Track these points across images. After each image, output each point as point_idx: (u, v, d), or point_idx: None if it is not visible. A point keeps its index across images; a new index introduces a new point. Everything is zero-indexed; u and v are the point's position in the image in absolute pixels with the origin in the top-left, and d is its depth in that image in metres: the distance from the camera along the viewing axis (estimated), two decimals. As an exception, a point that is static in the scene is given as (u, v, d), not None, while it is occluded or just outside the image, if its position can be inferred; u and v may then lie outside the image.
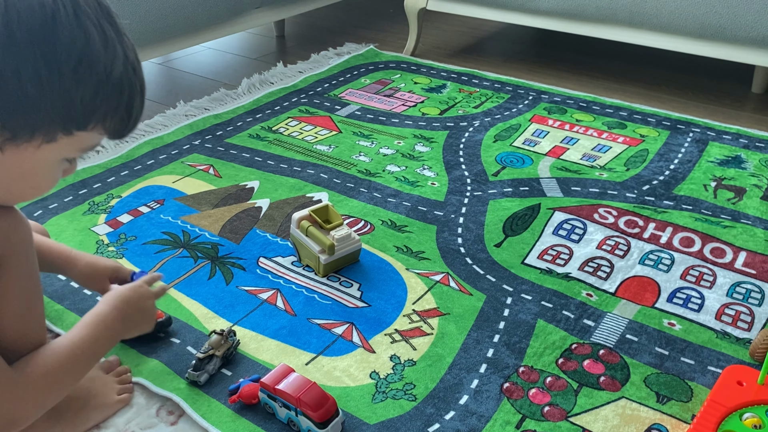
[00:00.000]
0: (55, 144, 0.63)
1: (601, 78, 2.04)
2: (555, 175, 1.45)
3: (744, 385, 0.85)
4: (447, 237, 1.23)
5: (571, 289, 1.09)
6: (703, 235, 1.23)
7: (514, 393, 0.89)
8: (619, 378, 0.92)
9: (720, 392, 0.84)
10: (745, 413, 0.82)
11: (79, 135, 0.64)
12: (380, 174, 1.45)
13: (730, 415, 0.82)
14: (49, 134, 0.61)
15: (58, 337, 0.77)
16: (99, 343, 0.77)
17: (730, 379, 0.86)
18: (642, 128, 1.67)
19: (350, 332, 1.00)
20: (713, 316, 1.04)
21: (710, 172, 1.45)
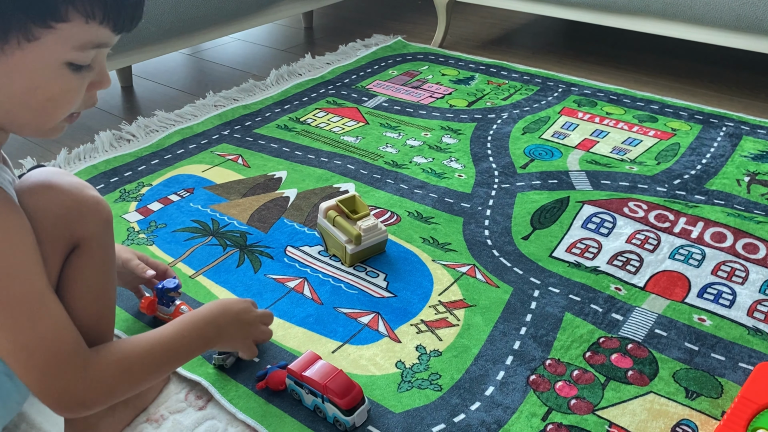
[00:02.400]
0: (38, 42, 0.57)
1: (632, 71, 2.01)
2: (584, 168, 1.43)
3: (776, 382, 0.84)
4: (474, 229, 1.23)
5: (600, 282, 1.08)
6: (736, 230, 1.21)
7: (541, 385, 0.89)
8: (648, 372, 0.91)
9: (751, 389, 0.83)
10: (777, 411, 0.80)
11: (60, 27, 0.57)
12: (407, 165, 1.44)
13: (761, 413, 0.80)
14: (23, 29, 0.56)
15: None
16: (185, 344, 0.75)
17: (761, 376, 0.85)
18: (674, 122, 1.64)
19: (376, 322, 1.00)
20: (745, 313, 1.02)
21: (744, 167, 1.43)
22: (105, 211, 0.73)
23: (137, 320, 1.00)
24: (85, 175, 1.39)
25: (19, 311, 0.62)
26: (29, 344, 0.62)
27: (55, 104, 0.62)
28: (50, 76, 0.59)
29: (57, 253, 0.69)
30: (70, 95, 0.62)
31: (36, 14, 0.56)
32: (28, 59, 0.58)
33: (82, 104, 0.64)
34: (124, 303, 1.03)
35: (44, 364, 0.63)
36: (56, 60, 0.59)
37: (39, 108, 0.61)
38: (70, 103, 0.63)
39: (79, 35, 0.59)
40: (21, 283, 0.62)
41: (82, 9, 0.57)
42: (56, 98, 0.61)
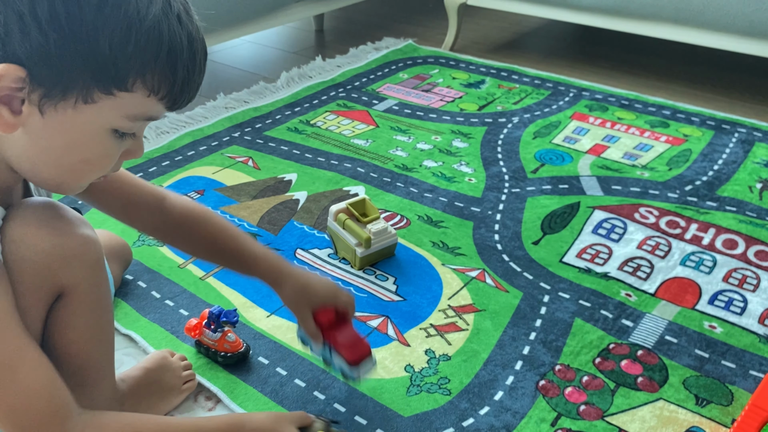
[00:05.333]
0: (94, 106, 0.56)
1: (644, 76, 2.01)
2: (595, 173, 1.43)
3: (788, 391, 0.83)
4: (484, 233, 1.23)
5: (610, 288, 1.08)
6: (747, 237, 1.20)
7: (550, 391, 0.89)
8: (657, 379, 0.91)
9: (762, 397, 0.82)
10: (789, 420, 0.80)
11: (121, 96, 0.56)
12: (417, 169, 1.45)
13: (773, 421, 0.80)
14: (84, 90, 0.55)
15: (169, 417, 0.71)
16: None
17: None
18: (685, 127, 1.63)
19: (385, 325, 1.00)
20: (756, 320, 1.01)
21: (756, 174, 1.42)
22: (93, 251, 0.67)
23: (175, 338, 0.99)
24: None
25: None
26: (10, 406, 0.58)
27: (89, 167, 0.60)
28: (92, 139, 0.58)
29: (39, 303, 0.65)
30: (106, 160, 0.61)
31: (103, 80, 0.55)
32: (78, 119, 0.56)
33: (111, 169, 0.63)
34: (165, 320, 1.03)
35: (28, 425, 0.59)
36: (104, 125, 0.58)
37: (70, 168, 0.60)
38: (104, 169, 0.62)
39: (136, 106, 0.58)
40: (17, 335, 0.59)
41: (150, 84, 0.56)
42: (92, 161, 0.60)
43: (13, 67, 0.52)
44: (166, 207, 0.82)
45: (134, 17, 0.53)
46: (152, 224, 0.83)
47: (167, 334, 0.98)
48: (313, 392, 0.88)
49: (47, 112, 0.55)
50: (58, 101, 0.55)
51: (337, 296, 0.85)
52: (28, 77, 0.53)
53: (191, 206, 0.84)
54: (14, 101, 0.54)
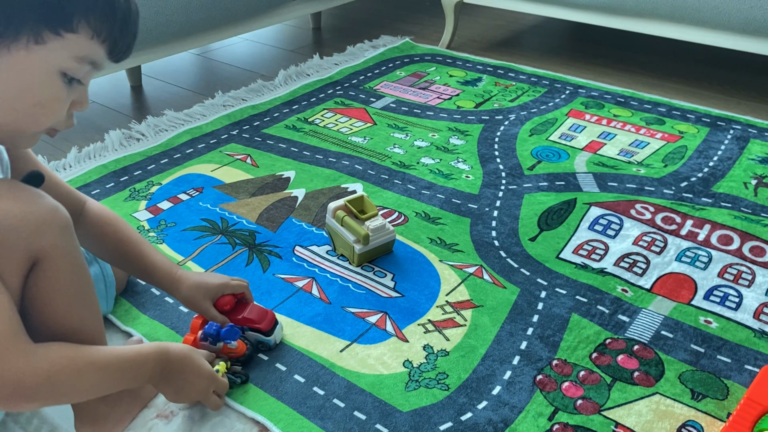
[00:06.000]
0: (44, 47, 0.61)
1: (640, 73, 2.02)
2: (591, 170, 1.44)
3: (782, 384, 0.84)
4: (481, 230, 1.24)
5: (607, 284, 1.09)
6: (743, 233, 1.21)
7: (547, 385, 0.90)
8: (654, 374, 0.92)
9: (757, 391, 0.83)
10: (783, 413, 0.81)
11: (68, 37, 0.62)
12: (414, 166, 1.45)
13: (766, 414, 0.81)
14: (35, 30, 0.60)
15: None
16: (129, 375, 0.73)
17: (767, 378, 0.85)
18: (681, 124, 1.64)
19: (384, 321, 1.01)
20: (751, 315, 1.02)
21: (751, 170, 1.43)
22: (61, 217, 0.69)
23: (175, 333, 1.00)
24: (95, 174, 1.40)
25: None
26: None
27: (42, 110, 0.64)
28: (44, 81, 0.63)
29: (14, 271, 0.66)
30: (57, 104, 0.65)
31: (50, 20, 0.61)
32: (29, 60, 0.61)
33: (62, 122, 0.67)
34: (165, 316, 1.04)
35: None
36: (54, 66, 0.63)
37: (25, 111, 0.64)
38: (55, 113, 0.66)
39: (81, 48, 0.63)
40: None
41: (93, 25, 0.63)
42: (44, 104, 0.64)
43: None
44: (85, 210, 0.90)
45: None
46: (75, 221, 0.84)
47: (167, 330, 0.99)
48: (312, 388, 0.89)
49: (1, 54, 0.60)
50: (10, 43, 0.60)
51: (228, 283, 0.95)
52: None
53: (106, 213, 0.92)
54: None
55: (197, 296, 0.92)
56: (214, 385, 0.83)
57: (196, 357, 0.81)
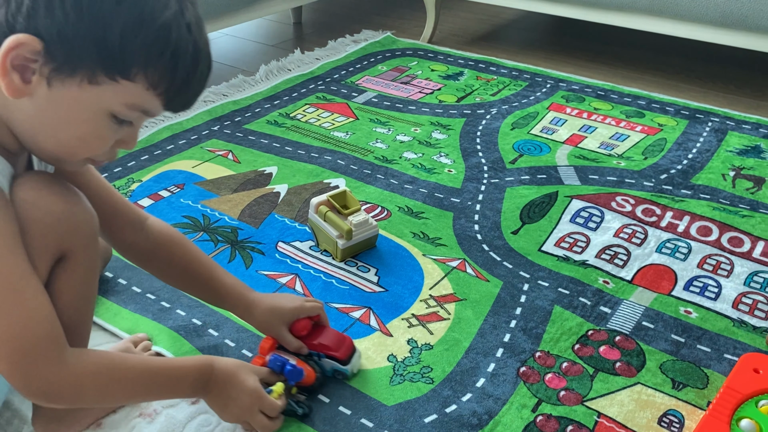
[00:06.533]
0: (97, 87, 0.60)
1: (620, 66, 2.03)
2: (573, 163, 1.45)
3: (760, 372, 0.85)
4: (464, 224, 1.24)
5: (588, 276, 1.10)
6: (721, 224, 1.23)
7: (531, 377, 0.90)
8: (635, 364, 0.93)
9: (736, 379, 0.84)
10: (761, 400, 0.82)
11: (123, 84, 0.60)
12: (397, 161, 1.45)
13: (746, 402, 0.82)
14: (91, 72, 0.59)
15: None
16: (165, 388, 0.74)
17: (746, 366, 0.86)
18: (660, 117, 1.66)
19: (368, 316, 1.01)
20: (730, 305, 1.04)
21: (729, 162, 1.45)
22: (95, 222, 0.73)
23: (158, 323, 1.00)
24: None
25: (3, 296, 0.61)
26: (12, 330, 0.61)
27: (82, 144, 0.64)
28: (91, 119, 0.62)
29: (43, 264, 0.68)
30: (98, 142, 0.64)
31: (108, 65, 0.59)
32: (80, 97, 0.61)
33: (104, 155, 0.67)
34: (147, 309, 1.03)
35: (15, 352, 0.62)
36: (104, 107, 0.62)
37: (66, 142, 0.64)
38: (95, 150, 0.65)
39: (135, 96, 0.62)
40: (5, 265, 0.62)
41: (151, 78, 0.61)
42: (86, 139, 0.64)
43: (33, 38, 0.57)
44: (148, 227, 0.85)
45: (147, 15, 0.59)
46: (131, 242, 0.84)
47: (149, 321, 0.99)
48: (296, 383, 0.89)
49: (54, 86, 0.60)
50: (65, 77, 0.59)
51: (304, 306, 0.90)
52: (44, 51, 0.58)
53: (171, 231, 0.88)
54: (27, 70, 0.59)
55: (272, 321, 0.88)
56: (260, 403, 0.79)
57: (242, 373, 0.79)
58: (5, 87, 0.58)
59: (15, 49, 0.57)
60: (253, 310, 0.88)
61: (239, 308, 0.89)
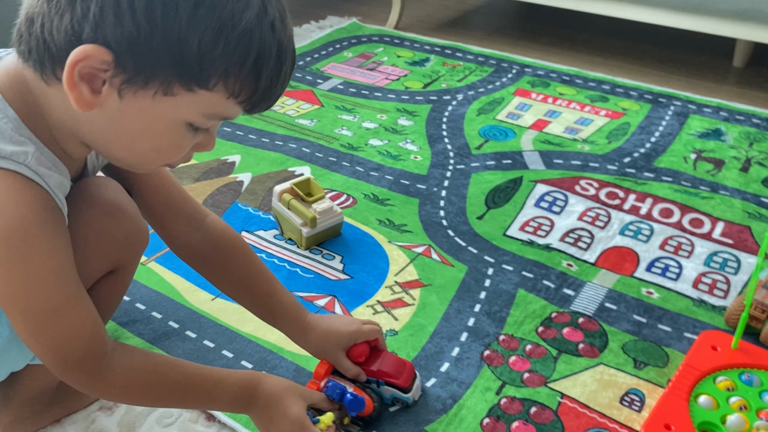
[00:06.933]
0: (173, 98, 0.55)
1: (585, 52, 2.04)
2: (537, 148, 1.45)
3: (718, 350, 0.87)
4: (429, 210, 1.24)
5: (552, 259, 1.10)
6: (682, 206, 1.24)
7: (495, 360, 0.91)
8: (598, 345, 0.93)
9: (695, 357, 0.86)
10: (719, 377, 0.84)
11: (200, 94, 0.55)
12: (363, 148, 1.44)
13: (704, 379, 0.83)
14: (166, 83, 0.54)
15: None
16: (204, 398, 0.70)
17: (704, 344, 0.88)
18: (624, 101, 1.67)
19: (332, 304, 1.01)
20: (690, 285, 1.05)
21: (690, 145, 1.46)
22: (146, 239, 0.76)
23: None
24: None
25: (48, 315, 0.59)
26: (54, 341, 0.60)
27: (159, 155, 0.61)
28: (166, 130, 0.58)
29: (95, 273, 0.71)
30: (176, 150, 0.61)
31: (186, 77, 0.54)
32: (154, 109, 0.56)
33: (180, 160, 0.64)
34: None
35: (58, 364, 0.61)
36: (180, 118, 0.58)
37: (140, 153, 0.61)
38: (172, 158, 0.62)
39: (214, 106, 0.57)
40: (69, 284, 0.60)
41: (231, 87, 0.56)
42: (162, 150, 0.60)
43: (101, 49, 0.52)
44: (207, 225, 0.80)
45: (227, 21, 0.53)
46: (187, 240, 0.80)
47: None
48: (260, 373, 0.88)
49: (126, 97, 0.55)
50: (138, 89, 0.55)
51: (361, 330, 0.83)
52: (114, 61, 0.53)
53: (231, 234, 0.82)
54: (96, 81, 0.54)
55: (328, 346, 0.82)
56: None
57: (289, 397, 0.73)
58: (74, 100, 0.54)
59: (82, 61, 0.52)
60: (308, 334, 0.82)
61: (294, 331, 0.83)
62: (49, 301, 0.59)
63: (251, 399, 0.72)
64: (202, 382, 0.70)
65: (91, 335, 0.62)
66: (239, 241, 0.82)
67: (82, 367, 0.62)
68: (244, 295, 0.84)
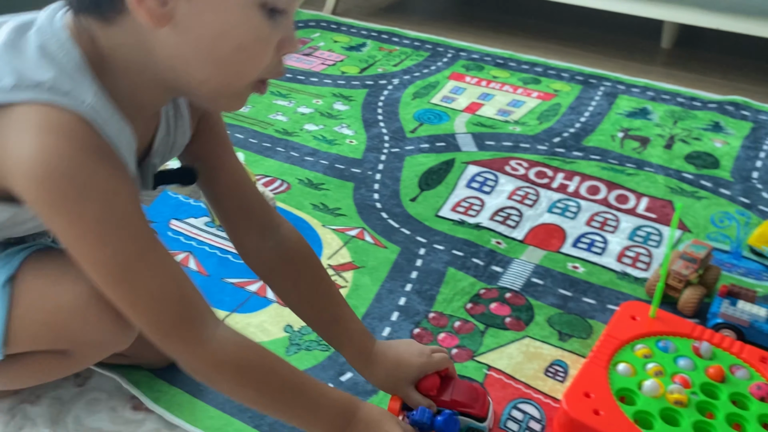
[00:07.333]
0: None
1: (521, 35, 2.07)
2: (471, 130, 1.47)
3: (637, 319, 0.90)
4: (364, 193, 1.24)
5: (482, 237, 1.12)
6: (609, 182, 1.28)
7: (424, 338, 0.92)
8: (524, 319, 0.96)
9: (615, 327, 0.89)
10: (637, 345, 0.87)
11: None
12: (297, 133, 1.44)
13: (623, 348, 0.86)
14: None
15: None
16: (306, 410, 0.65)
17: (624, 314, 0.91)
18: (556, 83, 1.71)
19: (264, 289, 1.00)
20: (615, 259, 1.09)
21: (618, 124, 1.51)
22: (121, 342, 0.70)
23: None
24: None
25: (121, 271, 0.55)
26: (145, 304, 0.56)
27: (245, 56, 0.55)
28: (242, 20, 0.53)
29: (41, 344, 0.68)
30: (261, 45, 0.55)
31: None
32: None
33: (272, 68, 0.58)
34: None
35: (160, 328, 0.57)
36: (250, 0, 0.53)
37: (225, 60, 0.54)
38: (261, 58, 0.56)
39: None
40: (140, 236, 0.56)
41: None
42: (247, 47, 0.54)
43: None
44: (281, 234, 0.75)
45: None
46: (255, 248, 0.75)
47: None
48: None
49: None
50: None
51: (432, 361, 0.78)
52: None
53: (305, 246, 0.77)
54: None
55: (397, 381, 0.76)
56: None
57: (388, 423, 0.68)
58: (146, 17, 0.51)
59: None
60: (375, 367, 0.77)
61: (359, 361, 0.77)
62: (116, 256, 0.54)
63: (350, 422, 0.66)
64: (311, 388, 0.65)
65: (179, 298, 0.57)
66: (312, 256, 0.77)
67: (180, 335, 0.57)
68: (310, 315, 0.79)
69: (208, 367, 0.60)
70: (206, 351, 0.58)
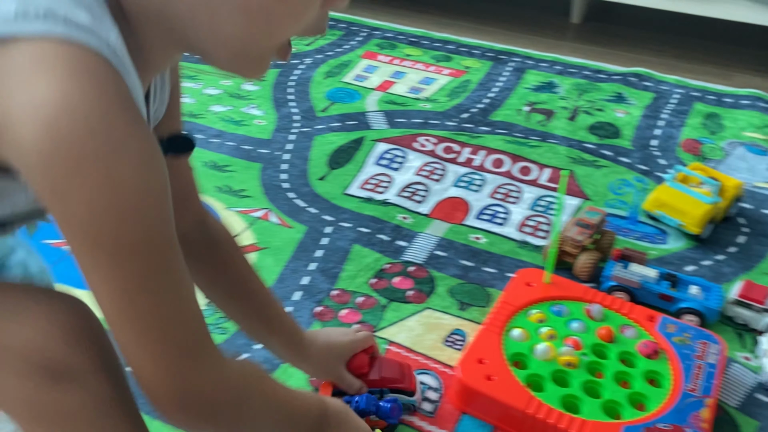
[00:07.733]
0: None
1: (434, 13, 2.08)
2: (382, 108, 1.47)
3: (532, 285, 0.93)
4: (271, 174, 1.23)
5: (388, 213, 1.13)
6: (513, 155, 1.31)
7: (326, 315, 0.92)
8: (426, 291, 0.97)
9: (510, 293, 0.91)
10: (531, 310, 0.89)
11: None
12: (203, 115, 1.41)
13: (518, 313, 0.89)
14: None
15: None
16: (289, 424, 0.58)
17: (520, 281, 0.94)
18: (467, 60, 1.72)
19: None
20: (516, 228, 1.12)
21: (525, 98, 1.54)
22: None
23: None
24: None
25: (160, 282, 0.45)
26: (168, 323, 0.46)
27: (286, 6, 0.44)
28: None
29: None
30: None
31: None
32: None
33: (313, 25, 0.47)
34: None
35: (164, 354, 0.46)
36: None
37: (262, 9, 0.43)
38: (305, 9, 0.45)
39: None
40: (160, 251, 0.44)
41: None
42: None
43: None
44: (206, 224, 0.69)
45: None
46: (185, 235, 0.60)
47: None
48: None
49: None
50: None
51: (357, 338, 0.78)
52: None
53: (230, 236, 0.71)
54: None
55: (330, 362, 0.75)
56: None
57: (352, 413, 0.66)
58: None
59: None
60: (307, 350, 0.74)
61: (290, 347, 0.74)
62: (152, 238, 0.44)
63: (324, 418, 0.62)
64: (291, 404, 0.58)
65: (203, 320, 0.50)
66: (236, 245, 0.71)
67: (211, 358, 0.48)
68: (237, 305, 0.72)
69: (203, 401, 0.49)
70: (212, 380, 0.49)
